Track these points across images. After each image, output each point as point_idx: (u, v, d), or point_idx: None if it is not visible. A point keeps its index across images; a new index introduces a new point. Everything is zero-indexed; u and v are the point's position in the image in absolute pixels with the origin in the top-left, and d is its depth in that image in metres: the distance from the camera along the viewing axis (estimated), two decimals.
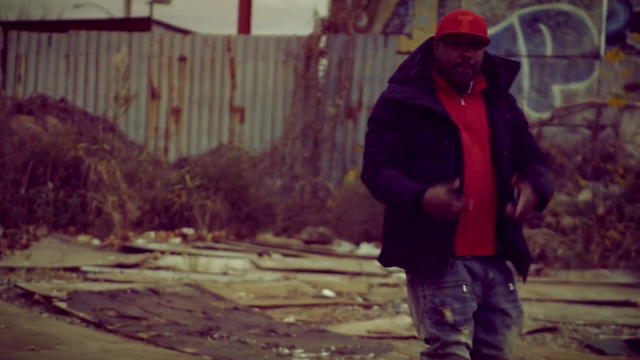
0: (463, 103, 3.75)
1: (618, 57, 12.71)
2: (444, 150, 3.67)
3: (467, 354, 3.73)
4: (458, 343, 3.70)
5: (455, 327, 3.69)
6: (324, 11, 16.53)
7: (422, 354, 3.87)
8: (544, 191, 3.70)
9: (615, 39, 13.88)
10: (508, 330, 3.84)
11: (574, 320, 8.32)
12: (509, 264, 3.92)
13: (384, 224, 3.86)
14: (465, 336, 3.70)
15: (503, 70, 3.80)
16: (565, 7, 14.04)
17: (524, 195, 3.65)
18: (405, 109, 3.72)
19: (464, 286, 3.72)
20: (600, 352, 7.25)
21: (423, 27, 14.44)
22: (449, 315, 3.69)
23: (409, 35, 14.51)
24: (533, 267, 10.16)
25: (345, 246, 12.46)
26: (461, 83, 3.73)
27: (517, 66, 3.85)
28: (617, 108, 13.34)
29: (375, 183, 3.73)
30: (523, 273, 3.89)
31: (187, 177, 12.64)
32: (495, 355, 3.87)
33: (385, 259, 3.86)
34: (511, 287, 3.85)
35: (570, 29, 14.01)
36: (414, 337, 7.38)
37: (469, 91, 3.78)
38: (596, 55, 13.92)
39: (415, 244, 3.72)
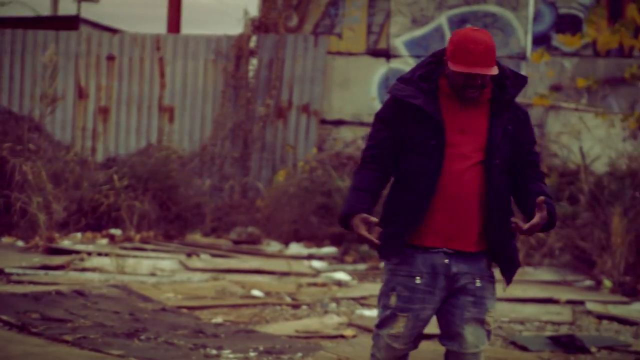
0: (462, 108, 3.95)
1: (543, 58, 12.91)
2: (430, 149, 3.90)
3: (397, 343, 4.00)
4: (390, 329, 3.99)
5: (394, 313, 3.97)
6: (254, 11, 16.50)
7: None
8: (554, 218, 3.90)
9: (541, 40, 14.11)
10: (466, 324, 3.98)
11: (499, 318, 8.44)
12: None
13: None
14: (402, 324, 3.97)
15: (510, 84, 3.97)
16: (493, 8, 14.24)
17: (539, 217, 3.82)
18: (403, 106, 3.96)
19: (417, 278, 3.95)
20: (523, 348, 7.38)
21: (353, 27, 14.51)
22: (393, 300, 3.98)
23: (339, 36, 14.56)
24: None
25: (274, 246, 12.45)
26: (468, 100, 3.94)
27: (524, 81, 4.02)
28: (543, 108, 13.56)
29: (354, 177, 4.10)
30: (506, 277, 4.07)
31: (115, 177, 12.51)
32: (457, 351, 4.03)
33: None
34: (478, 284, 3.98)
35: (498, 30, 14.20)
36: (342, 337, 7.42)
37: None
38: (523, 56, 14.14)
39: (389, 231, 3.99)
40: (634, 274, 10.23)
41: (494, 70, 3.85)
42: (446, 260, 3.96)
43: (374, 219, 3.87)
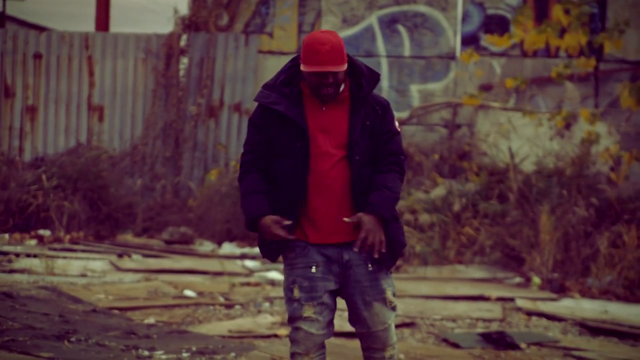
0: (324, 109, 4.19)
1: (472, 58, 13.07)
2: (296, 151, 4.15)
3: (313, 328, 4.20)
4: (302, 318, 4.20)
5: (300, 303, 4.20)
6: (184, 9, 16.37)
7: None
8: (381, 214, 4.16)
9: (470, 41, 14.28)
10: (369, 306, 4.27)
11: (431, 315, 8.52)
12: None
13: None
14: (312, 311, 4.19)
15: (365, 81, 4.18)
16: (423, 8, 14.36)
17: (362, 233, 4.14)
18: (269, 112, 4.19)
19: (313, 267, 4.21)
20: (455, 345, 7.46)
21: (284, 26, 14.50)
22: (296, 292, 4.23)
23: (270, 35, 14.55)
24: None
25: (207, 246, 12.39)
26: (326, 98, 4.16)
27: (377, 78, 4.23)
28: (472, 108, 13.73)
29: (239, 185, 4.28)
30: (386, 264, 4.28)
31: (44, 177, 12.32)
32: (366, 333, 4.32)
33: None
34: (370, 268, 4.25)
35: (427, 30, 14.34)
36: (275, 336, 7.42)
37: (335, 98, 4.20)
38: (452, 56, 14.29)
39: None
40: (562, 271, 10.42)
41: (342, 67, 4.07)
42: (338, 250, 4.24)
43: (284, 219, 4.17)
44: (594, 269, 10.18)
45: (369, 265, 4.25)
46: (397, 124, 4.32)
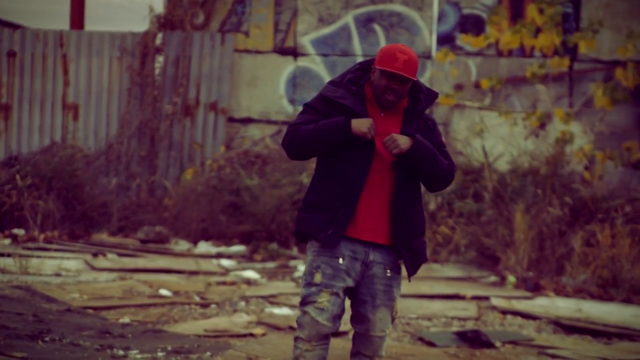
0: (382, 114, 4.42)
1: (448, 58, 13.11)
2: (360, 145, 4.34)
3: (321, 317, 4.35)
4: (314, 304, 4.36)
5: (319, 288, 4.36)
6: (160, 8, 16.31)
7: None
8: (421, 143, 4.33)
9: (446, 40, 14.33)
10: (376, 310, 4.42)
11: (407, 314, 8.54)
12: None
13: (303, 200, 4.51)
14: (325, 300, 4.35)
15: (423, 97, 4.46)
16: (398, 8, 14.39)
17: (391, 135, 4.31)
18: (334, 105, 4.40)
19: (340, 259, 4.38)
20: (431, 344, 7.49)
21: (260, 25, 14.49)
22: (318, 277, 4.37)
23: (246, 34, 14.53)
24: None
25: (182, 245, 12.35)
26: (387, 104, 4.38)
27: (435, 96, 4.52)
28: (448, 107, 13.78)
29: (298, 134, 4.36)
30: (409, 270, 4.47)
31: (18, 176, 12.24)
32: (364, 334, 4.47)
33: (298, 231, 4.50)
34: (388, 273, 4.44)
35: (403, 30, 14.37)
36: (251, 335, 7.41)
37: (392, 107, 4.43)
38: (428, 56, 14.33)
39: (324, 216, 4.37)
40: (537, 269, 10.48)
41: (411, 79, 4.33)
42: (365, 249, 4.39)
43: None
44: (568, 267, 10.25)
45: (388, 270, 4.44)
46: (444, 139, 4.58)
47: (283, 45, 14.50)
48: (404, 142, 4.31)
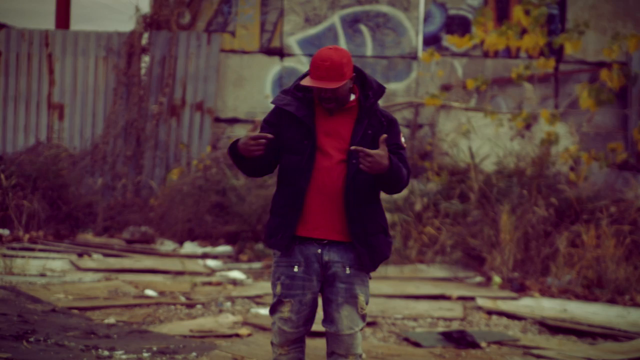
0: (331, 114, 4.48)
1: (434, 58, 13.13)
2: (302, 148, 4.44)
3: (286, 326, 4.48)
4: (279, 314, 4.49)
5: (280, 299, 4.48)
6: (146, 7, 16.28)
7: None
8: (393, 164, 4.34)
9: (432, 41, 14.35)
10: (340, 308, 4.46)
11: (393, 315, 8.55)
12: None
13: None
14: (287, 310, 4.47)
15: (372, 93, 4.50)
16: (385, 8, 14.41)
17: (379, 149, 4.30)
18: (282, 113, 4.51)
19: (296, 266, 4.46)
20: (416, 344, 7.49)
21: (246, 25, 14.47)
22: (278, 288, 4.49)
23: (233, 34, 14.51)
24: None
25: (168, 245, 12.33)
26: (328, 110, 4.46)
27: (383, 90, 4.54)
28: (434, 108, 13.80)
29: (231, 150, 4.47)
30: (366, 268, 4.49)
31: (2, 176, 12.17)
32: (333, 334, 4.50)
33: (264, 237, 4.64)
34: (348, 271, 4.47)
35: (390, 30, 14.38)
36: (237, 335, 7.40)
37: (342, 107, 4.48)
38: (414, 56, 14.35)
39: (275, 221, 4.50)
40: (522, 270, 10.51)
41: (336, 84, 4.33)
42: (319, 250, 4.45)
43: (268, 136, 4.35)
44: (553, 268, 10.28)
45: (347, 268, 4.46)
46: (403, 139, 4.54)
47: (269, 45, 14.50)
48: (379, 166, 4.28)
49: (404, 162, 4.48)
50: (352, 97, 4.50)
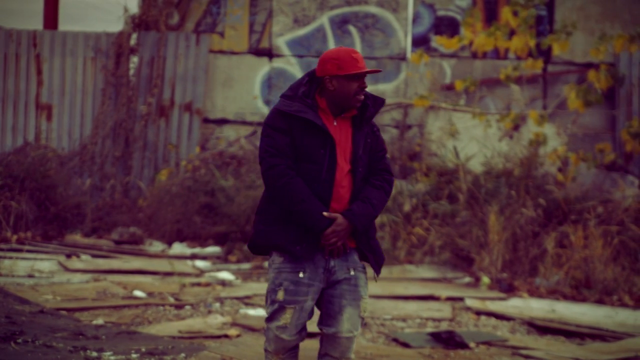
0: (335, 123, 4.48)
1: (422, 59, 13.14)
2: (320, 157, 4.40)
3: (285, 334, 4.45)
4: (278, 322, 4.45)
5: (282, 306, 4.43)
6: (134, 8, 16.25)
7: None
8: (355, 223, 4.40)
9: (421, 42, 14.37)
10: (343, 310, 4.47)
11: (382, 315, 8.56)
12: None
13: (259, 212, 4.52)
14: (289, 317, 4.43)
15: (370, 103, 4.52)
16: (374, 9, 14.42)
17: (330, 229, 4.38)
18: (292, 120, 4.40)
19: (301, 272, 4.42)
20: (405, 345, 7.50)
21: (235, 26, 14.46)
22: (280, 294, 4.43)
23: (222, 34, 14.50)
24: None
25: (157, 246, 12.31)
26: (356, 106, 4.45)
27: (382, 102, 4.57)
28: (423, 108, 13.81)
29: (289, 190, 4.36)
30: (375, 269, 4.56)
31: None
32: (332, 335, 4.50)
33: (254, 244, 4.52)
34: (352, 272, 4.50)
35: (379, 31, 14.40)
36: (226, 336, 7.40)
37: (342, 115, 4.49)
38: (403, 57, 14.37)
39: (292, 229, 4.40)
40: (511, 270, 10.53)
41: (376, 71, 4.53)
42: (326, 256, 4.45)
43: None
44: (541, 268, 10.31)
45: (351, 270, 4.50)
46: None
47: (258, 46, 14.49)
48: (342, 239, 4.41)
49: (389, 165, 4.61)
50: None
